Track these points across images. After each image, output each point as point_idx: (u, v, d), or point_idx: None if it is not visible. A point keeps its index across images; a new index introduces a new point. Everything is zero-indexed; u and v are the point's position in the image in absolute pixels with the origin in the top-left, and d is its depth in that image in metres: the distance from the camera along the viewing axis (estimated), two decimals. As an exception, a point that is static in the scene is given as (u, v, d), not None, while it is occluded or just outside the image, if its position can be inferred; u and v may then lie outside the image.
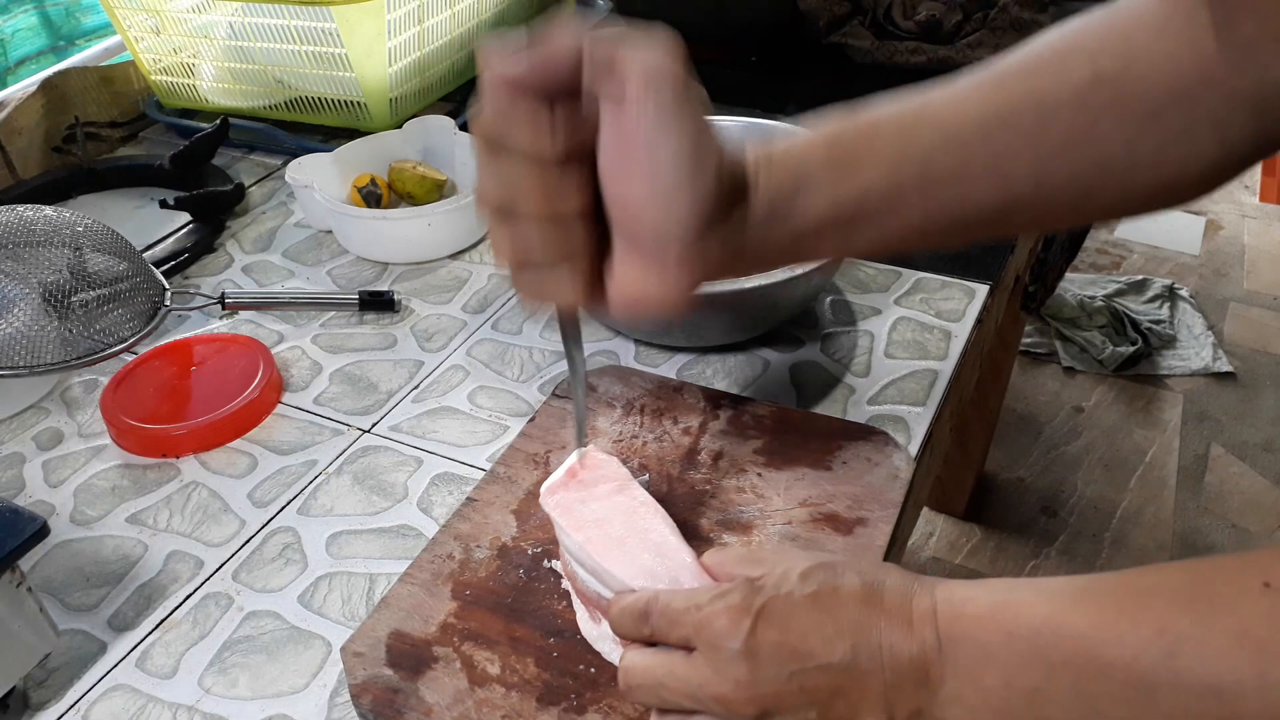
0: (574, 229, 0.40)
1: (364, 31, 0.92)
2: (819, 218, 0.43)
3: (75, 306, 0.68)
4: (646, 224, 0.39)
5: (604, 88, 0.37)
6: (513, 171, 0.39)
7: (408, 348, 0.75)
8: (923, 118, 0.44)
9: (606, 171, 0.39)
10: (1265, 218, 2.53)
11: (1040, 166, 0.44)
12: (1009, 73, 0.45)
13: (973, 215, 0.45)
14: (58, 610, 0.57)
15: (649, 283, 0.41)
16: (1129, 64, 0.43)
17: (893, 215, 0.44)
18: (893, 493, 0.57)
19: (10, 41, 1.14)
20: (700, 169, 0.38)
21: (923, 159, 0.44)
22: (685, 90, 0.38)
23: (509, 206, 0.40)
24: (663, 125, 0.37)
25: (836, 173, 0.43)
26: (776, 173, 0.43)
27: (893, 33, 1.16)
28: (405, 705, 0.48)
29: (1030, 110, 0.44)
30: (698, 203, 0.39)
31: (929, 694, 0.38)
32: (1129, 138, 0.43)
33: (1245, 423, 1.93)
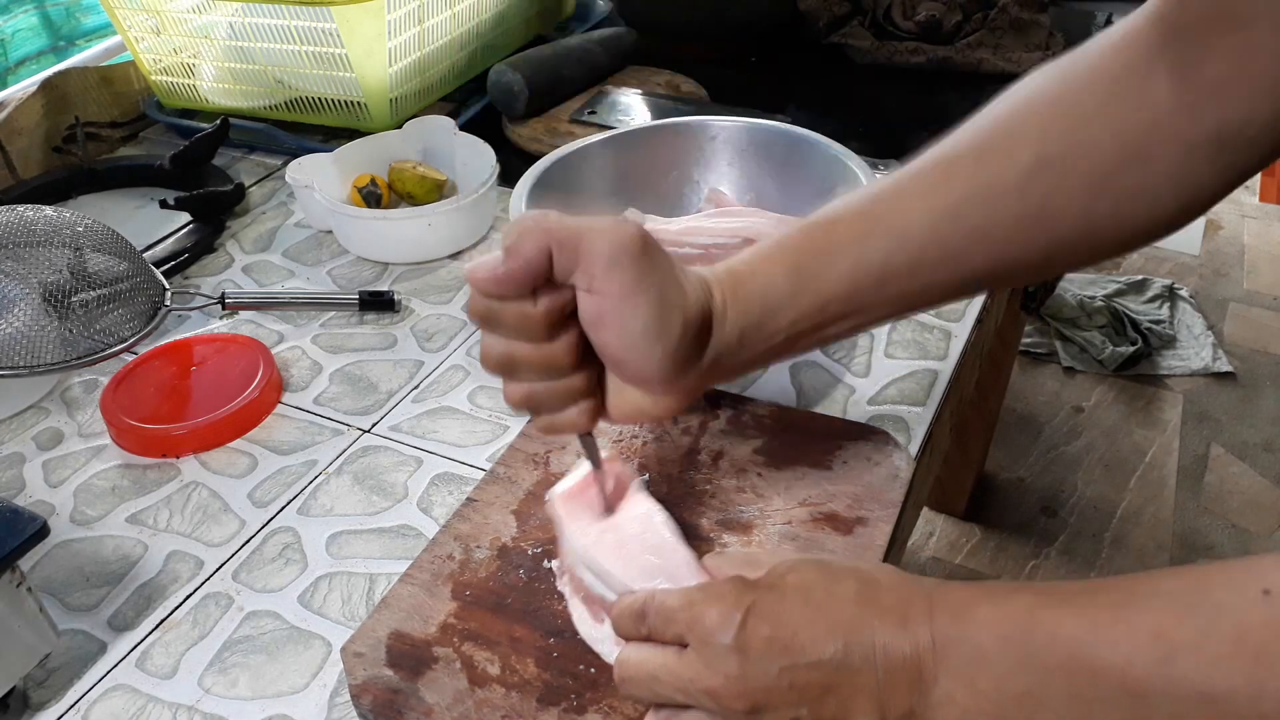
0: (572, 381, 0.46)
1: (364, 31, 0.92)
2: (787, 333, 0.47)
3: (75, 306, 0.68)
4: (628, 372, 0.45)
5: (574, 277, 0.43)
6: (509, 346, 0.45)
7: (408, 348, 0.76)
8: (875, 224, 0.47)
9: (589, 333, 0.44)
10: (1265, 218, 2.53)
11: (993, 253, 0.46)
12: (956, 163, 0.47)
13: (935, 297, 0.49)
14: (58, 610, 0.57)
15: (644, 403, 0.47)
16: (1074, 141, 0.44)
17: (857, 314, 0.48)
18: (893, 493, 0.57)
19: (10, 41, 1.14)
20: (667, 327, 0.44)
21: (878, 264, 0.47)
22: (645, 262, 0.43)
23: (512, 371, 0.46)
24: (626, 303, 0.43)
25: (799, 294, 0.47)
26: (742, 303, 0.47)
27: (892, 33, 1.16)
28: (405, 705, 0.48)
29: (977, 203, 0.46)
30: (669, 353, 0.44)
31: (922, 695, 0.38)
32: (1081, 211, 0.45)
33: (1245, 423, 1.93)
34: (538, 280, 0.43)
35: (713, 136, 0.81)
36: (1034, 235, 0.46)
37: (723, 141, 0.81)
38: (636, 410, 0.47)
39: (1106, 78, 0.45)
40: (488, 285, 0.43)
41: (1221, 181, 0.44)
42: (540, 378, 0.46)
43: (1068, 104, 0.45)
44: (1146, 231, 0.46)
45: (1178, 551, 1.68)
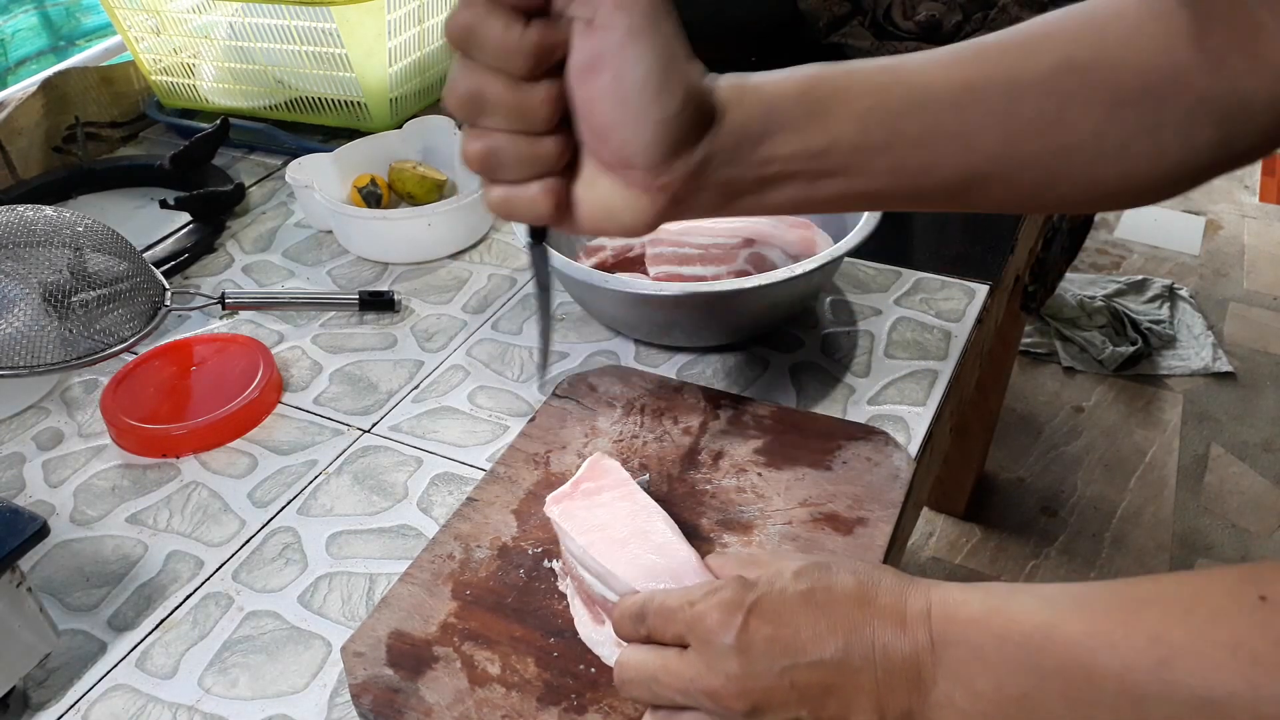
0: (542, 144, 0.40)
1: (364, 32, 0.92)
2: (785, 162, 0.43)
3: (75, 306, 0.68)
4: (613, 143, 0.39)
5: (575, 6, 0.37)
6: (483, 80, 0.38)
7: (408, 348, 0.75)
8: (897, 79, 0.44)
9: (575, 90, 0.39)
10: (1265, 218, 2.53)
11: (1006, 143, 0.44)
12: (986, 48, 0.45)
13: (935, 183, 0.45)
14: (58, 610, 0.57)
15: (617, 204, 0.41)
16: (1102, 53, 0.43)
17: (857, 171, 0.44)
18: (893, 493, 0.57)
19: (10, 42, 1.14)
20: (667, 91, 0.38)
21: (892, 118, 0.43)
22: (655, 12, 0.37)
23: (478, 113, 0.39)
24: (631, 46, 0.37)
25: (806, 119, 0.43)
26: (747, 108, 0.42)
27: (892, 33, 1.16)
28: (405, 705, 0.48)
29: (1001, 86, 0.44)
30: (664, 124, 0.39)
31: (920, 695, 0.38)
32: (1095, 126, 0.44)
33: (1245, 423, 1.93)
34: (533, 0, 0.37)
35: (713, 136, 0.81)
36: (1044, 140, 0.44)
37: (723, 141, 0.81)
38: (605, 210, 0.41)
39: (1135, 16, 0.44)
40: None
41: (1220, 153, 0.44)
42: (508, 127, 0.39)
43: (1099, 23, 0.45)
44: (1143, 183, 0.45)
45: (1178, 551, 1.68)
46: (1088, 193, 0.46)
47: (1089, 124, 0.44)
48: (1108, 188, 0.46)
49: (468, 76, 0.39)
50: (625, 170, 0.40)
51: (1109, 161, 0.45)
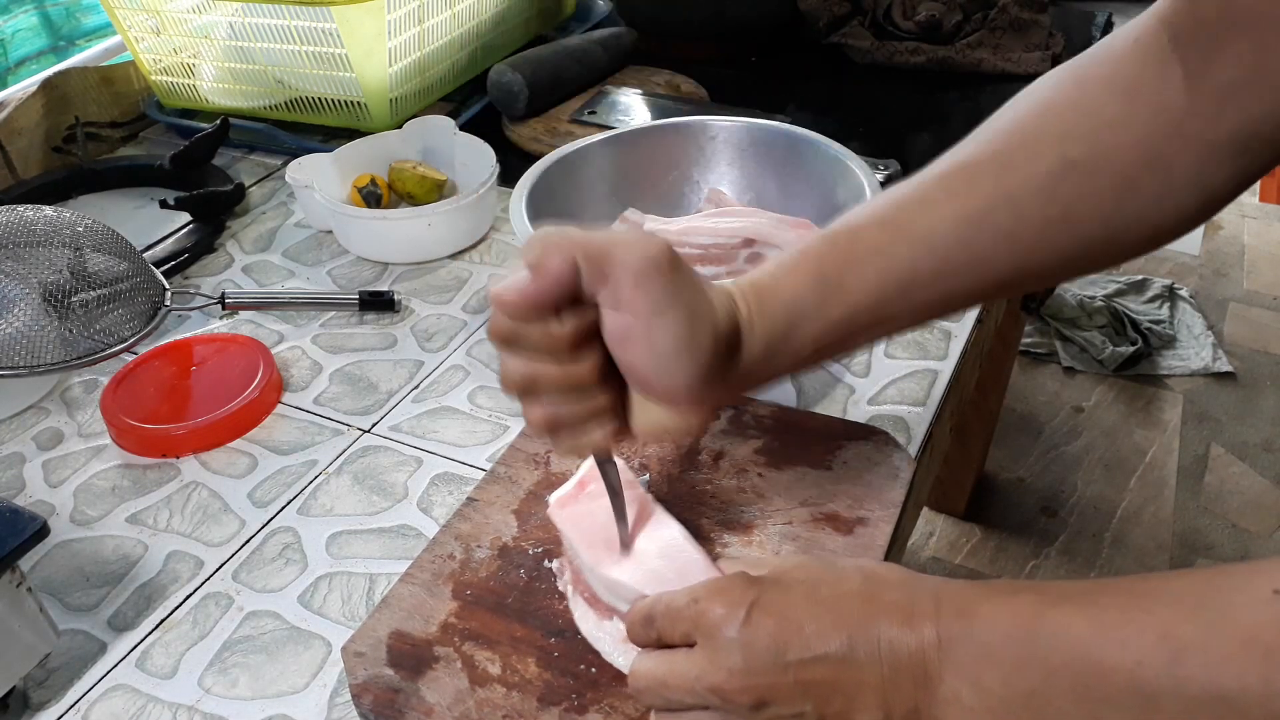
0: (595, 399, 0.44)
1: (364, 32, 0.92)
2: (814, 345, 0.46)
3: (75, 306, 0.68)
4: (656, 392, 0.44)
5: (600, 294, 0.41)
6: (531, 366, 0.43)
7: (408, 348, 0.75)
8: (900, 232, 0.46)
9: (614, 352, 0.43)
10: (1265, 218, 2.53)
11: (1019, 257, 0.46)
12: (978, 169, 0.46)
13: (959, 304, 0.49)
14: (58, 610, 0.57)
15: (668, 422, 0.45)
16: (1099, 143, 0.44)
17: (883, 323, 0.47)
18: (893, 492, 0.57)
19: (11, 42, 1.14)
20: (696, 344, 0.42)
21: (904, 272, 0.46)
22: (675, 277, 0.42)
23: (533, 392, 0.44)
24: (654, 320, 0.41)
25: (824, 304, 0.46)
26: (768, 317, 0.46)
27: (892, 33, 1.16)
28: (406, 705, 0.48)
29: (1003, 207, 0.45)
30: (698, 370, 0.42)
31: (927, 692, 0.38)
32: (1105, 216, 0.45)
33: (1245, 423, 1.93)
34: (565, 298, 0.41)
35: (713, 136, 0.81)
36: (1059, 239, 0.45)
37: (723, 141, 0.81)
38: (660, 427, 0.46)
39: (1123, 81, 0.45)
40: (516, 306, 0.41)
41: (1239, 180, 0.44)
42: (563, 398, 0.44)
43: (1087, 108, 0.45)
44: (1167, 231, 0.46)
45: (1178, 551, 1.68)
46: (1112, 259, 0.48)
47: (1099, 214, 0.45)
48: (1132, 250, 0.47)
49: (518, 365, 0.43)
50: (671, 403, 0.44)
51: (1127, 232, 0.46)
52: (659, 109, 1.00)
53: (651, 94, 1.04)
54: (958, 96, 1.09)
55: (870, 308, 0.46)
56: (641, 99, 1.03)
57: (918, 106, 1.09)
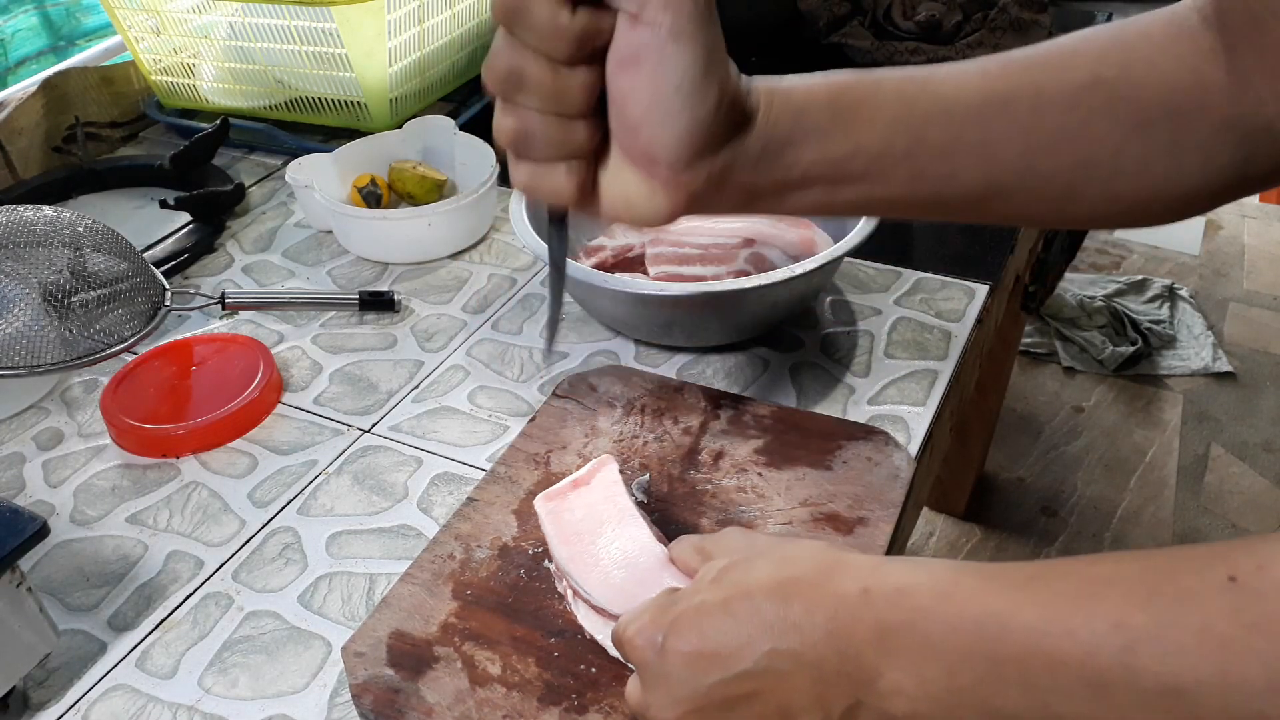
0: (574, 129, 0.40)
1: (364, 32, 0.92)
2: (808, 167, 0.44)
3: (75, 306, 0.68)
4: (642, 138, 0.40)
5: None
6: (523, 59, 0.39)
7: (408, 348, 0.75)
8: (925, 89, 0.45)
9: (612, 80, 0.39)
10: (1265, 218, 2.53)
11: (1028, 155, 0.45)
12: (1013, 62, 0.46)
13: (956, 192, 0.46)
14: (58, 610, 0.57)
15: (638, 196, 0.42)
16: (1127, 71, 0.44)
17: (878, 178, 0.45)
18: (893, 492, 0.57)
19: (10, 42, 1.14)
20: (703, 93, 0.39)
21: (916, 127, 0.44)
22: (700, 14, 0.38)
23: (514, 91, 0.40)
24: (672, 45, 0.37)
25: (831, 126, 0.43)
26: (776, 115, 0.42)
27: (892, 33, 1.16)
28: (406, 705, 0.48)
29: (1027, 99, 0.44)
30: (695, 126, 0.39)
31: (867, 687, 0.37)
32: (1117, 143, 0.44)
33: (1245, 423, 1.93)
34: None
35: (713, 136, 0.81)
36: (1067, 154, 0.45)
37: (723, 141, 0.81)
38: (625, 201, 0.42)
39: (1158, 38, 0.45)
40: None
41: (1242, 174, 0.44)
42: (542, 108, 0.40)
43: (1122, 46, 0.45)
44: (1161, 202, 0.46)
45: (1178, 551, 1.68)
46: (1106, 209, 0.47)
47: (1111, 140, 0.44)
48: (1126, 205, 0.46)
49: (509, 54, 0.39)
50: (650, 165, 0.41)
51: (1129, 179, 0.45)
52: (659, 109, 1.00)
53: (651, 94, 1.04)
54: (958, 96, 1.09)
55: (873, 151, 0.44)
56: (641, 99, 1.02)
57: (918, 106, 1.09)
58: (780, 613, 0.39)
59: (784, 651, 0.38)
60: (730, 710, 0.39)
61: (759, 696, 0.39)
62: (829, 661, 0.37)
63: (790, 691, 0.38)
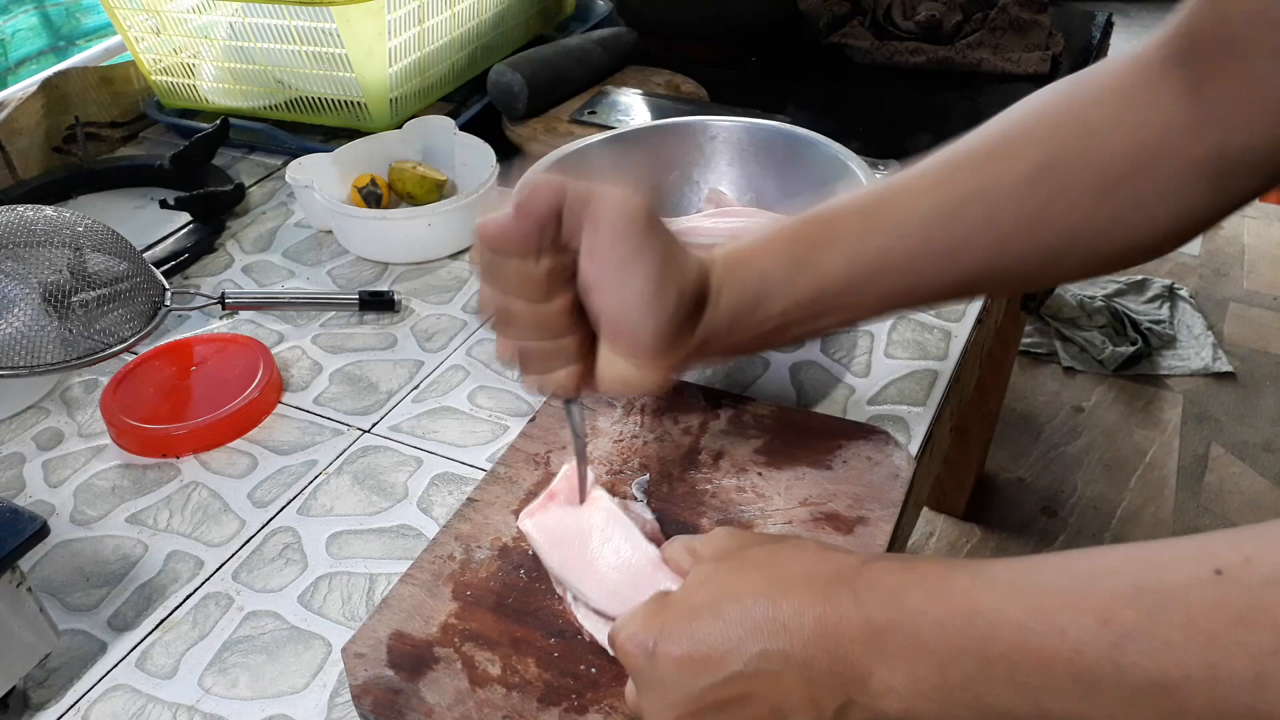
0: (562, 344, 0.47)
1: (364, 32, 0.92)
2: (779, 318, 0.48)
3: (75, 306, 0.68)
4: (621, 341, 0.46)
5: (577, 241, 0.44)
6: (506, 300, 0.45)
7: (408, 348, 0.75)
8: (875, 219, 0.47)
9: (586, 297, 0.45)
10: (1265, 218, 2.53)
11: (992, 251, 0.46)
12: (962, 160, 0.47)
13: (928, 297, 0.50)
14: (58, 610, 0.57)
15: (630, 375, 0.47)
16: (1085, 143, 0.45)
17: (851, 305, 0.48)
18: (893, 492, 0.57)
19: (10, 42, 1.14)
20: (664, 295, 0.44)
21: (875, 255, 0.47)
22: (648, 234, 0.44)
23: (505, 326, 0.47)
24: (623, 272, 0.44)
25: (792, 281, 0.47)
26: (737, 287, 0.47)
27: (892, 33, 1.16)
28: (406, 706, 0.48)
29: (979, 201, 0.46)
30: (663, 321, 0.45)
31: (858, 686, 0.37)
32: (1082, 215, 0.45)
33: (1245, 423, 1.93)
34: (544, 240, 0.43)
35: (713, 136, 0.81)
36: (1032, 240, 0.46)
37: (723, 141, 0.81)
38: (622, 380, 0.47)
39: (1115, 92, 0.45)
40: (495, 240, 0.44)
41: (1218, 204, 0.44)
42: (533, 336, 0.46)
43: (1076, 113, 0.46)
44: (1140, 248, 0.46)
45: (1178, 551, 1.68)
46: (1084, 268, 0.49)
47: (1075, 215, 0.45)
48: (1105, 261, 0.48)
49: (494, 298, 0.46)
50: (634, 355, 0.46)
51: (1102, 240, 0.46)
52: (659, 109, 1.00)
53: (651, 94, 1.04)
54: (958, 96, 1.09)
55: (838, 290, 0.47)
56: (641, 99, 1.03)
57: (918, 106, 1.09)
58: (769, 613, 0.39)
59: (774, 652, 0.38)
60: (722, 712, 0.39)
61: (751, 698, 0.39)
62: (819, 661, 0.38)
63: (782, 692, 0.38)
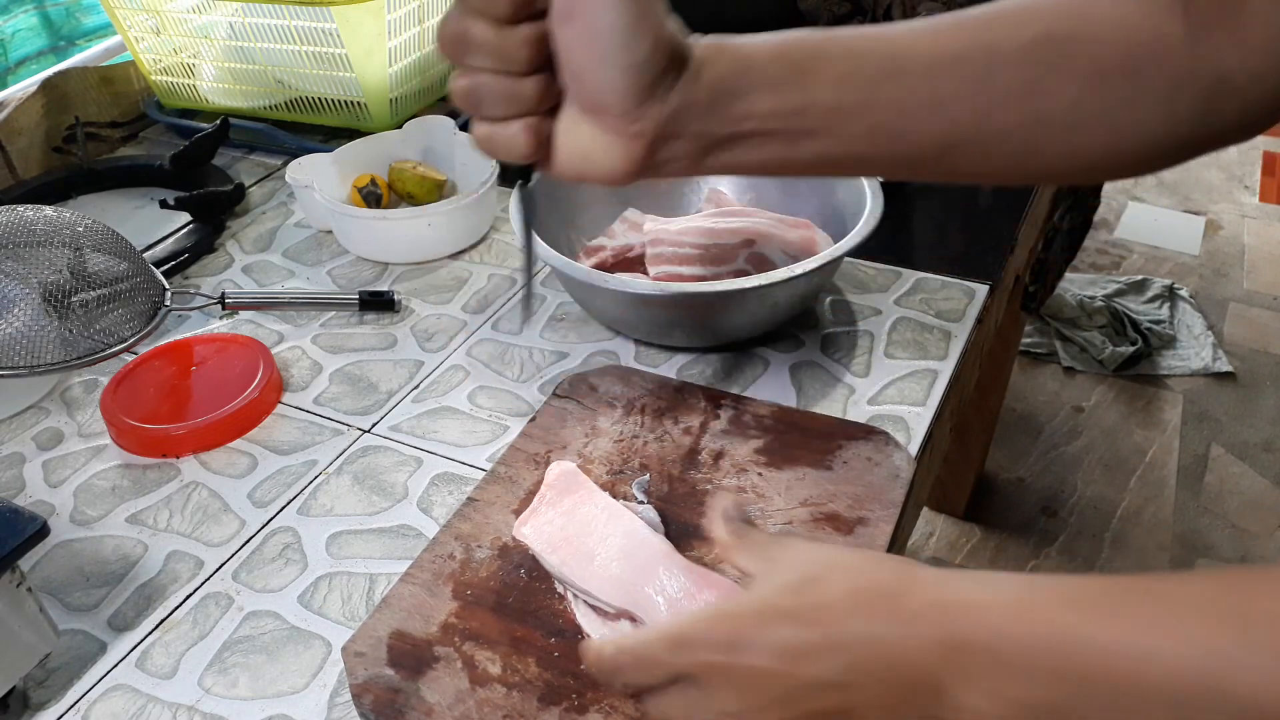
0: (523, 84, 0.42)
1: (364, 32, 0.92)
2: (761, 119, 0.44)
3: (75, 306, 0.68)
4: (588, 86, 0.41)
5: None
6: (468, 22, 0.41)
7: (408, 348, 0.75)
8: (876, 45, 0.45)
9: (556, 35, 0.41)
10: (1265, 218, 2.53)
11: (982, 112, 0.44)
12: (966, 20, 0.45)
13: (912, 148, 0.46)
14: (58, 610, 0.57)
15: (594, 149, 0.43)
16: (1083, 26, 0.44)
17: (834, 133, 0.45)
18: (893, 492, 0.57)
19: (10, 42, 1.14)
20: (636, 38, 0.40)
21: (869, 82, 0.44)
22: None
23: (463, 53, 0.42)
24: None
25: (782, 78, 0.44)
26: (723, 64, 0.43)
27: (893, 33, 1.15)
28: (406, 705, 0.48)
29: (979, 56, 0.44)
30: (632, 69, 0.40)
31: (940, 703, 0.37)
32: (1074, 96, 0.44)
33: (1245, 423, 1.93)
34: None
35: (713, 136, 0.81)
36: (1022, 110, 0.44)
37: (723, 141, 0.81)
38: (582, 154, 0.43)
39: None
40: None
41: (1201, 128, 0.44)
42: (491, 67, 0.41)
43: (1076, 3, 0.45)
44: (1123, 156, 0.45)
45: (1178, 552, 1.68)
46: (1067, 163, 0.47)
47: (1067, 94, 0.44)
48: (1087, 159, 0.46)
49: (456, 19, 0.41)
50: (601, 114, 0.42)
51: (1088, 132, 0.45)
52: (659, 109, 1.00)
53: (651, 94, 1.04)
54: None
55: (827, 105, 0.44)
56: (641, 99, 1.02)
57: (918, 106, 1.09)
58: (858, 626, 0.39)
59: (861, 664, 0.38)
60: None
61: (835, 710, 0.39)
62: (902, 674, 0.38)
63: (866, 705, 0.38)
